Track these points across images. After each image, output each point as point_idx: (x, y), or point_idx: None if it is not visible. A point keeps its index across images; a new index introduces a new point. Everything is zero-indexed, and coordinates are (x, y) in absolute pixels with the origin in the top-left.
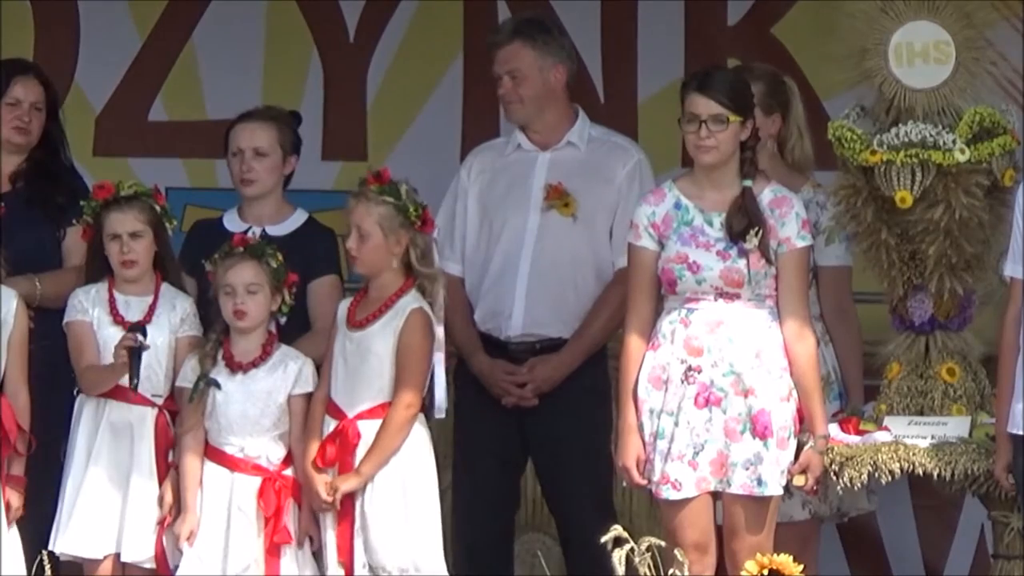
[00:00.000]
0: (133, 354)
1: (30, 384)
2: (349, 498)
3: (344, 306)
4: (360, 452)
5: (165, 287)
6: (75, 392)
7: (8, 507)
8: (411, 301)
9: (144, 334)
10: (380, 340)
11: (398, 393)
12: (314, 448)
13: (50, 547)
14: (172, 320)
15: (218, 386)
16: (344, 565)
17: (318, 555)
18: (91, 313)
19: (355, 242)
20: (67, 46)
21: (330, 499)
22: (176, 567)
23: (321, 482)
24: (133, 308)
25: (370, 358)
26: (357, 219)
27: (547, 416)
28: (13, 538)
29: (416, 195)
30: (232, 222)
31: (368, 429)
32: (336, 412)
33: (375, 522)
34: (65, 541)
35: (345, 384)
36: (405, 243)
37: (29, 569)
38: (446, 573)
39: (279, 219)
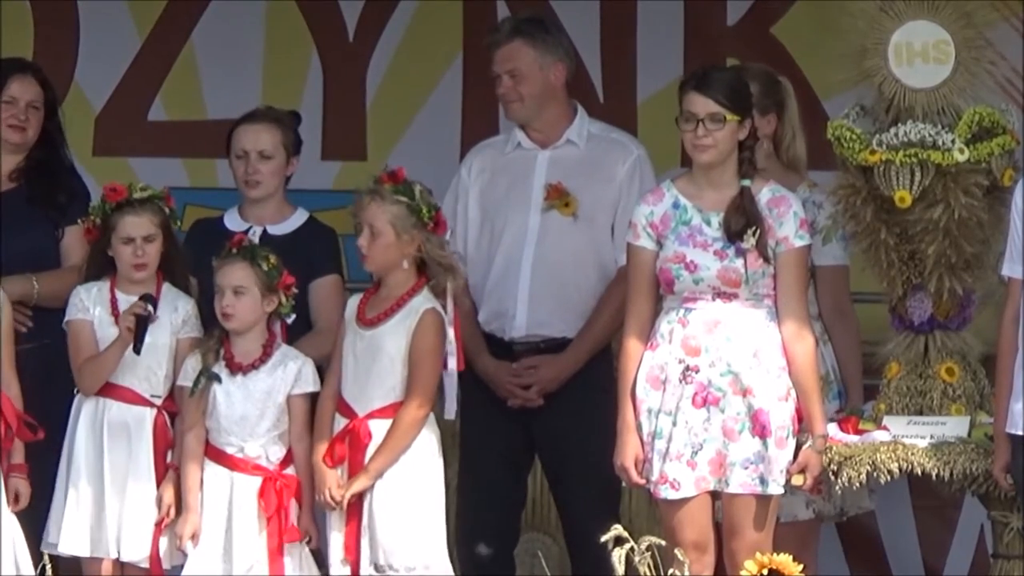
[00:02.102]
0: (139, 323)
1: (28, 384)
2: (357, 497)
3: (353, 303)
4: (371, 451)
5: (167, 287)
6: (75, 391)
7: (17, 497)
8: (424, 301)
9: (155, 306)
10: (392, 339)
11: (410, 393)
12: (323, 445)
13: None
14: (173, 321)
15: (219, 380)
16: (351, 564)
17: (317, 554)
18: (92, 312)
19: (366, 240)
20: (67, 46)
21: (339, 497)
22: (175, 567)
23: (332, 480)
24: None
25: (381, 357)
26: (369, 217)
27: (553, 415)
28: (16, 528)
29: (430, 196)
30: (232, 221)
31: (379, 429)
32: (346, 410)
33: (382, 521)
34: (64, 541)
35: (355, 382)
36: (417, 243)
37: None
38: (451, 572)
39: (280, 219)
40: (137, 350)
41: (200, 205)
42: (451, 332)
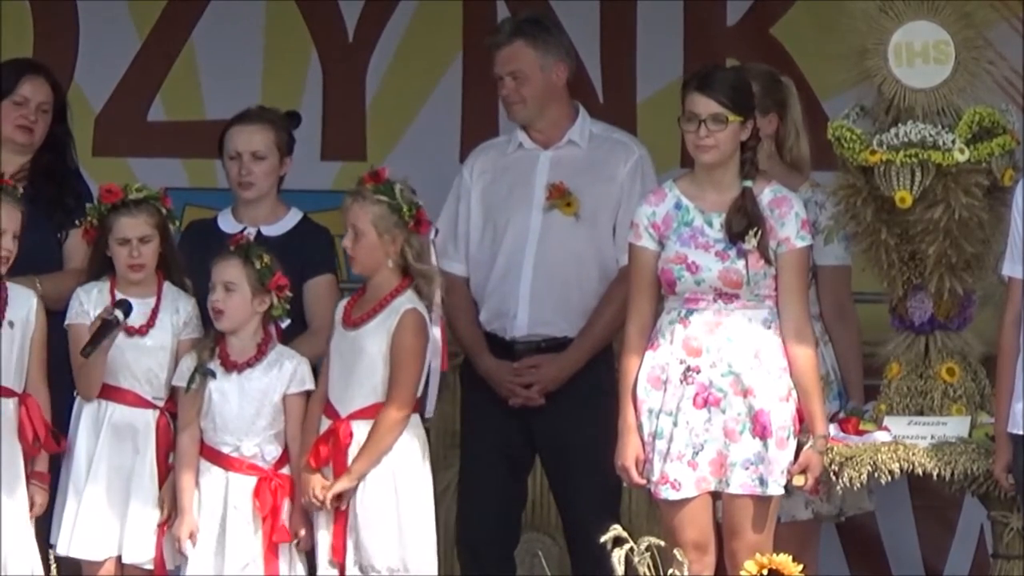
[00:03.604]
0: (104, 327)
1: None
2: (344, 498)
3: (342, 305)
4: (352, 452)
5: (167, 288)
6: (75, 393)
7: (32, 504)
8: (405, 301)
9: (127, 313)
10: (373, 340)
11: (390, 394)
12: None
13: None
14: (175, 322)
15: (213, 375)
16: (338, 565)
17: (310, 555)
18: (92, 315)
19: (350, 241)
20: (66, 46)
21: (321, 498)
22: (175, 568)
23: (317, 482)
24: (136, 310)
25: (363, 358)
26: (352, 218)
27: (554, 415)
28: (30, 536)
29: (412, 195)
30: (227, 223)
31: (361, 429)
32: (331, 412)
33: (365, 521)
34: (66, 543)
35: (340, 383)
36: (400, 243)
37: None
38: (436, 573)
39: (274, 219)
40: (85, 352)
41: (199, 205)
42: (436, 332)
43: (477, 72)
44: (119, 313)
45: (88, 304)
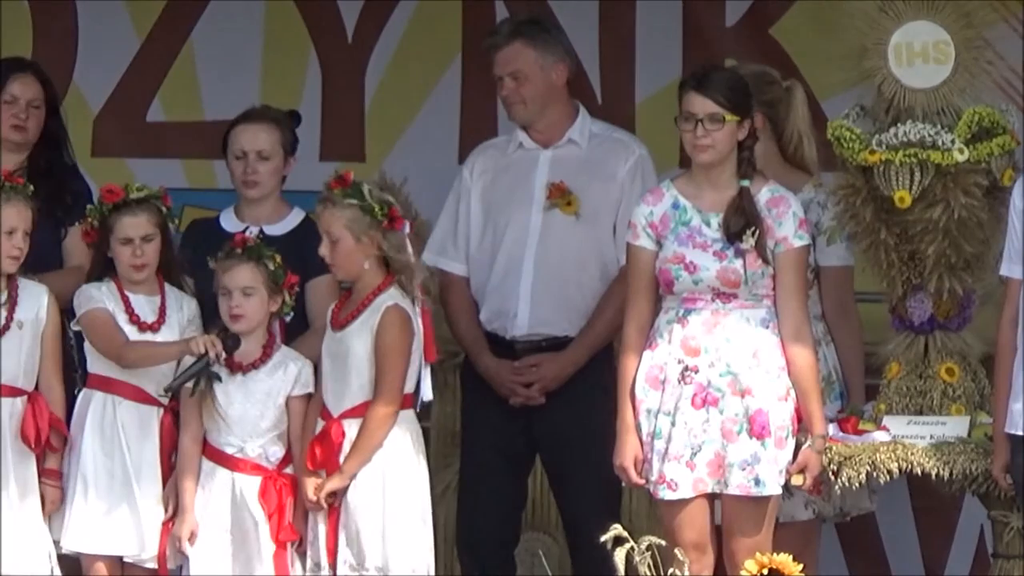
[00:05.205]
0: (200, 365)
1: None
2: (337, 497)
3: (331, 306)
4: (345, 451)
5: (169, 288)
6: (77, 391)
7: (44, 501)
8: (387, 299)
9: (231, 352)
10: (358, 339)
11: (376, 390)
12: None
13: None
14: (181, 321)
15: (219, 378)
16: (330, 565)
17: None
18: (107, 304)
19: (327, 248)
20: (65, 46)
21: (314, 498)
22: (177, 568)
23: (310, 482)
24: (143, 308)
25: (351, 357)
26: (326, 225)
27: (554, 414)
28: (45, 535)
29: (382, 194)
30: (229, 222)
31: (352, 428)
32: (324, 412)
33: (354, 520)
34: (69, 538)
35: (331, 384)
36: (377, 242)
37: None
38: (431, 572)
39: (276, 219)
40: (167, 389)
41: (198, 206)
42: (419, 326)
43: (476, 72)
44: (223, 351)
45: (98, 295)
